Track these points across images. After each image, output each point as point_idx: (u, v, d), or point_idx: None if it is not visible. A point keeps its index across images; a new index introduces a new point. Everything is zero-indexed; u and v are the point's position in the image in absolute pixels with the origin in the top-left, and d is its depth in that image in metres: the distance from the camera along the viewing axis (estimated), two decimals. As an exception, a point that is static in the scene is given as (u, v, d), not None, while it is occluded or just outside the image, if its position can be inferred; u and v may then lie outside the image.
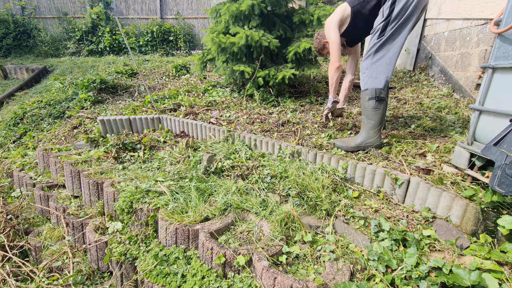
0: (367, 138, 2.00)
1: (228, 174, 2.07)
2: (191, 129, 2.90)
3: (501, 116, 1.32)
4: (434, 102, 3.14)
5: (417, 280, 1.13)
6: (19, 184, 2.98)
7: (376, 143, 1.99)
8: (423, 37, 4.14)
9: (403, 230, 1.38)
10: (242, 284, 1.32)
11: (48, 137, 3.60)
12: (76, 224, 2.10)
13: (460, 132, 2.26)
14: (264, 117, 2.95)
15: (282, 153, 2.16)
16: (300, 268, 1.31)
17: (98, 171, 2.35)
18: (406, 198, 1.61)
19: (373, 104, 1.95)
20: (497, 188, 1.17)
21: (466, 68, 3.17)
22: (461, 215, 1.38)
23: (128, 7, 8.94)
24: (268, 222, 1.56)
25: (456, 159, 1.60)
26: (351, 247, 1.39)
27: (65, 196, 2.47)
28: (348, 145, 2.04)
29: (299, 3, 3.79)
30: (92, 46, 8.25)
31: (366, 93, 1.96)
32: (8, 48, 8.61)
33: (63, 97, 4.56)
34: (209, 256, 1.44)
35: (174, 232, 1.60)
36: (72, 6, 9.10)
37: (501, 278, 1.06)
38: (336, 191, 1.76)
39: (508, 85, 1.31)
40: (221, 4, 3.56)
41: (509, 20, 1.29)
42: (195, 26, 8.84)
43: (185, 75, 5.12)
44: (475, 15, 3.02)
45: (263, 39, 3.06)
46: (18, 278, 1.90)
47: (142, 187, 1.93)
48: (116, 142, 2.65)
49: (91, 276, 1.91)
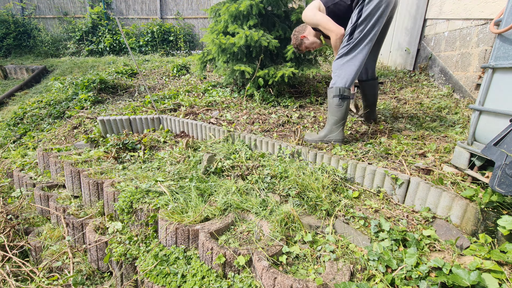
0: (330, 133, 2.16)
1: (228, 174, 2.07)
2: (191, 129, 2.90)
3: (501, 116, 1.32)
4: (434, 102, 3.13)
5: (417, 280, 1.13)
6: (19, 184, 2.98)
7: (338, 137, 2.15)
8: (423, 37, 4.14)
9: (403, 230, 1.38)
10: (242, 284, 1.32)
11: (48, 137, 3.60)
12: (76, 224, 2.10)
13: (460, 132, 2.26)
14: (264, 117, 2.95)
15: (282, 153, 2.16)
16: (300, 268, 1.31)
17: (98, 171, 2.35)
18: (406, 198, 1.61)
19: (336, 101, 2.09)
20: (497, 188, 1.17)
21: (466, 68, 3.17)
22: (461, 215, 1.38)
23: (128, 7, 8.94)
24: (268, 222, 1.56)
25: (456, 159, 1.60)
26: (351, 247, 1.39)
27: (65, 196, 2.48)
28: (313, 138, 2.23)
29: (299, 3, 3.79)
30: (92, 46, 8.26)
31: (331, 91, 2.10)
32: (8, 48, 8.61)
33: (63, 97, 4.56)
34: (209, 256, 1.44)
35: (174, 232, 1.60)
36: (72, 6, 9.11)
37: (501, 278, 1.06)
38: (336, 191, 1.76)
39: (508, 85, 1.31)
40: (221, 4, 3.56)
41: (509, 20, 1.29)
42: (195, 26, 8.84)
43: (185, 75, 5.13)
44: (475, 15, 3.02)
45: (263, 39, 3.06)
46: (18, 278, 1.90)
47: (142, 187, 1.93)
48: (116, 142, 2.65)
49: (91, 276, 1.91)
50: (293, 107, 3.22)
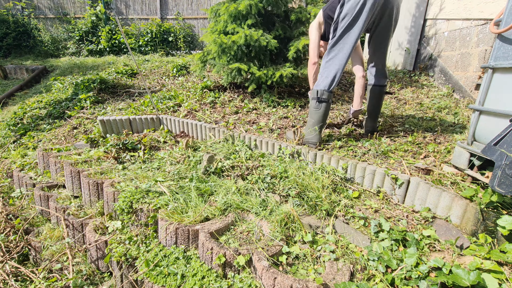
0: (307, 135, 2.16)
1: (228, 174, 2.07)
2: (191, 129, 2.90)
3: (501, 116, 1.32)
4: (434, 102, 3.14)
5: (417, 280, 1.14)
6: (19, 184, 2.98)
7: (313, 140, 2.13)
8: (423, 37, 4.14)
9: (403, 230, 1.38)
10: (242, 284, 1.32)
11: (48, 137, 3.60)
12: (76, 224, 2.10)
13: (460, 132, 2.26)
14: (264, 117, 2.95)
15: (282, 153, 2.16)
16: (300, 268, 1.31)
17: (98, 171, 2.35)
18: (406, 198, 1.61)
19: (314, 103, 2.10)
20: (497, 188, 1.17)
21: (466, 68, 3.17)
22: (461, 215, 1.38)
23: (128, 7, 8.94)
24: (268, 222, 1.56)
25: (456, 159, 1.60)
26: (351, 247, 1.39)
27: (65, 196, 2.47)
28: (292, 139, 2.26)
29: (299, 3, 3.79)
30: (92, 46, 8.25)
31: (311, 92, 2.13)
32: (8, 48, 8.60)
33: (63, 97, 4.55)
34: (209, 256, 1.44)
35: (174, 232, 1.60)
36: (72, 6, 9.10)
37: (501, 278, 1.06)
38: (336, 191, 1.76)
39: (508, 85, 1.31)
40: (220, 4, 3.56)
41: (509, 20, 1.29)
42: (195, 26, 8.84)
43: (185, 75, 5.12)
44: (475, 15, 3.02)
45: (262, 38, 3.06)
46: (18, 278, 1.90)
47: (142, 187, 1.93)
48: (116, 142, 2.65)
49: (91, 277, 1.91)
50: (293, 107, 3.22)
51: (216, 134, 2.63)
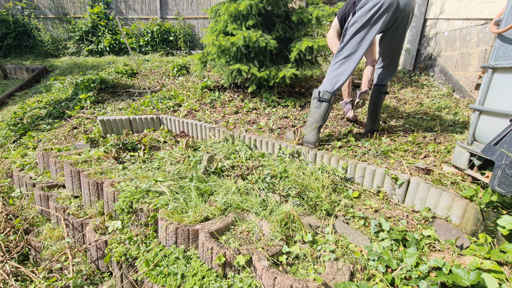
0: (306, 134, 2.16)
1: (228, 174, 2.07)
2: (191, 129, 2.90)
3: (501, 116, 1.32)
4: (434, 102, 3.14)
5: (417, 280, 1.13)
6: (19, 184, 2.98)
7: (310, 139, 2.13)
8: (423, 37, 4.14)
9: (403, 230, 1.38)
10: (242, 284, 1.32)
11: (48, 137, 3.60)
12: (76, 224, 2.10)
13: (460, 132, 2.26)
14: (264, 117, 2.95)
15: (282, 153, 2.16)
16: (300, 268, 1.31)
17: (98, 171, 2.35)
18: (406, 198, 1.61)
19: (314, 103, 2.11)
20: (497, 188, 1.17)
21: (466, 68, 3.17)
22: (461, 215, 1.38)
23: (128, 7, 8.94)
24: (268, 222, 1.56)
25: (456, 159, 1.60)
26: (351, 247, 1.39)
27: (65, 196, 2.47)
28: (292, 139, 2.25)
29: (299, 3, 3.79)
30: (92, 46, 8.25)
31: (314, 92, 2.12)
32: (8, 48, 8.60)
33: (63, 97, 4.55)
34: (209, 256, 1.44)
35: (174, 232, 1.60)
36: (72, 6, 9.09)
37: (501, 278, 1.06)
38: (336, 191, 1.76)
39: (508, 85, 1.31)
40: (220, 4, 3.56)
41: (509, 20, 1.29)
42: (195, 26, 8.83)
43: (185, 75, 5.12)
44: (475, 15, 3.02)
45: (261, 39, 3.06)
46: (18, 278, 1.90)
47: (142, 187, 1.93)
48: (116, 142, 2.65)
49: (91, 276, 1.91)
50: (293, 107, 3.22)
51: (216, 134, 2.63)
